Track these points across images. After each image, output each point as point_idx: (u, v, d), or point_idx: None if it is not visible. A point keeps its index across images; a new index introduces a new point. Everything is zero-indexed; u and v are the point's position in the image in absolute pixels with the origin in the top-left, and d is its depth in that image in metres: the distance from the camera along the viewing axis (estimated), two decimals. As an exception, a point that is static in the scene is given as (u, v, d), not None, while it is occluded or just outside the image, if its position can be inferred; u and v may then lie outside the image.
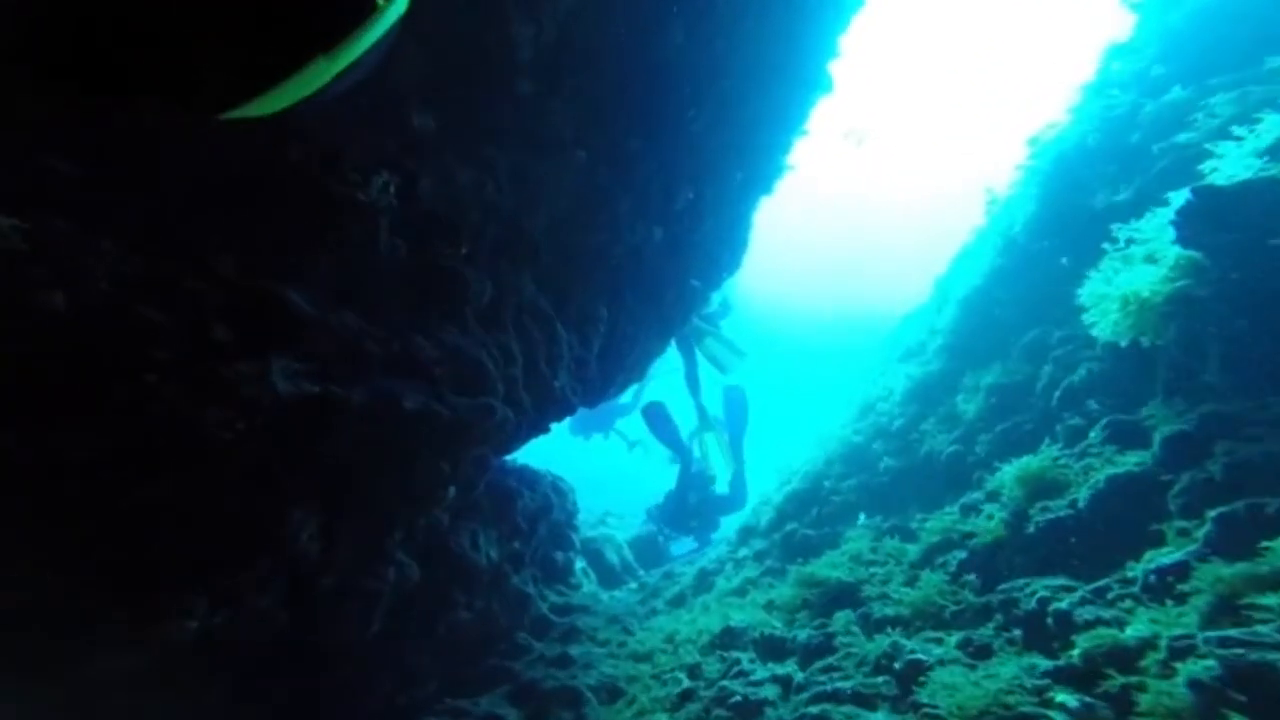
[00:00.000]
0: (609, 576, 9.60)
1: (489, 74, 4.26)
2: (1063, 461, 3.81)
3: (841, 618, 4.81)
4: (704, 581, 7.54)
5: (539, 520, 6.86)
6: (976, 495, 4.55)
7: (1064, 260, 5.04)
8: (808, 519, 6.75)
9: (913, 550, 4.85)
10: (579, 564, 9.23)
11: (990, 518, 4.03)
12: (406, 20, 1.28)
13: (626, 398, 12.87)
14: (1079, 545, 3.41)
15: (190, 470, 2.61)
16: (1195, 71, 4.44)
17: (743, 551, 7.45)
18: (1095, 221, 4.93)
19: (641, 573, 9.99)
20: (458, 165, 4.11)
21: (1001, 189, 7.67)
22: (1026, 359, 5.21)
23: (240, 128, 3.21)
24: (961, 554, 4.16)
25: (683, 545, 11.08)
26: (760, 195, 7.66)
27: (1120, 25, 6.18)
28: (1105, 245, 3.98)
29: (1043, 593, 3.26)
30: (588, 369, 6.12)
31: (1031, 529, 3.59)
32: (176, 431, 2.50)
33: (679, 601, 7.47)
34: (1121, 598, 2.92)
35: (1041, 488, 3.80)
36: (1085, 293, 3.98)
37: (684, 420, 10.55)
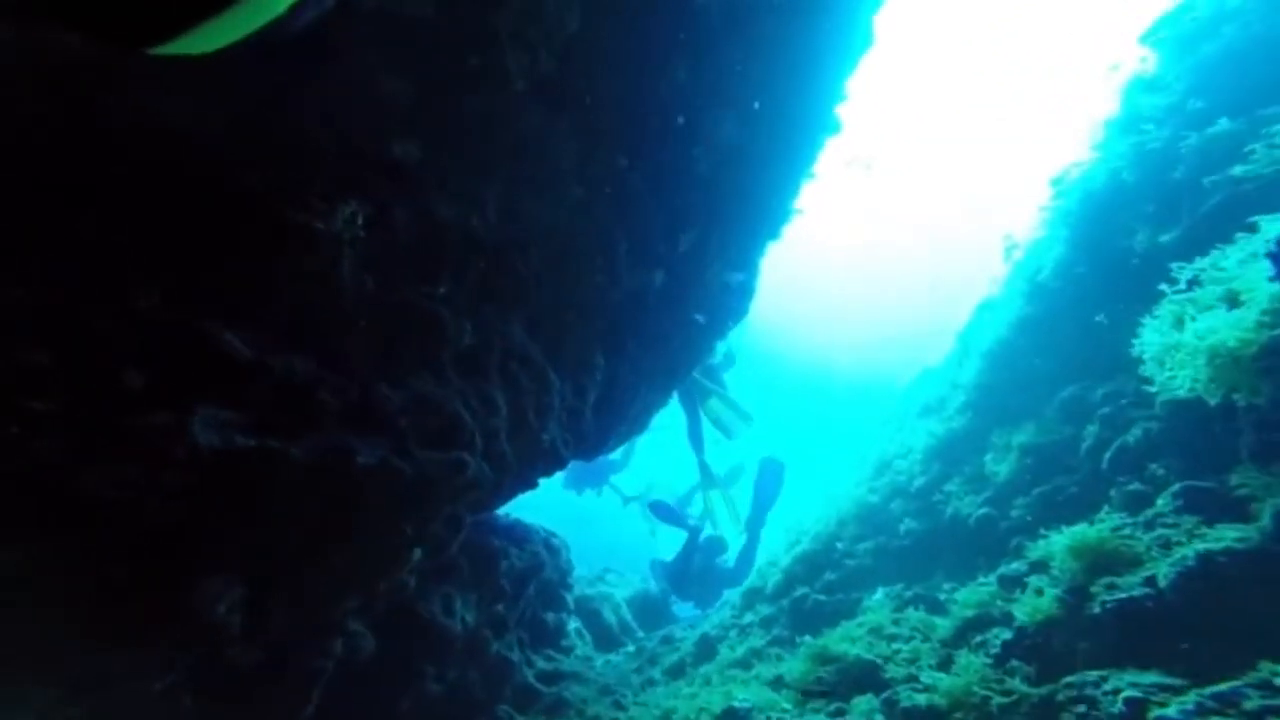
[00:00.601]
0: (606, 638, 8.81)
1: (480, 103, 3.91)
2: (1126, 532, 3.19)
3: (863, 705, 4.11)
4: (706, 649, 6.77)
5: (527, 580, 6.21)
6: (1017, 565, 3.91)
7: (1101, 317, 4.52)
8: (819, 584, 6.05)
9: (943, 625, 4.17)
10: (573, 624, 8.48)
11: (1040, 593, 3.38)
12: (393, 41, 0.96)
13: (616, 454, 12.28)
14: (1164, 633, 2.76)
15: (67, 535, 2.08)
16: (1241, 104, 4.03)
17: (748, 617, 6.72)
18: (1136, 263, 4.44)
19: (640, 634, 9.18)
20: (440, 197, 3.71)
21: (1022, 234, 7.24)
22: (1064, 418, 4.63)
23: (176, 91, 2.83)
24: (1005, 633, 3.49)
25: (685, 607, 10.30)
26: (767, 240, 7.25)
27: (1130, 61, 5.83)
28: (1162, 287, 3.46)
29: (1131, 692, 2.60)
30: (582, 420, 5.59)
31: (1096, 609, 2.95)
32: (48, 491, 1.99)
33: (678, 671, 6.70)
34: (1264, 713, 2.25)
35: (1102, 561, 3.18)
36: (1145, 343, 3.44)
37: (687, 476, 9.96)
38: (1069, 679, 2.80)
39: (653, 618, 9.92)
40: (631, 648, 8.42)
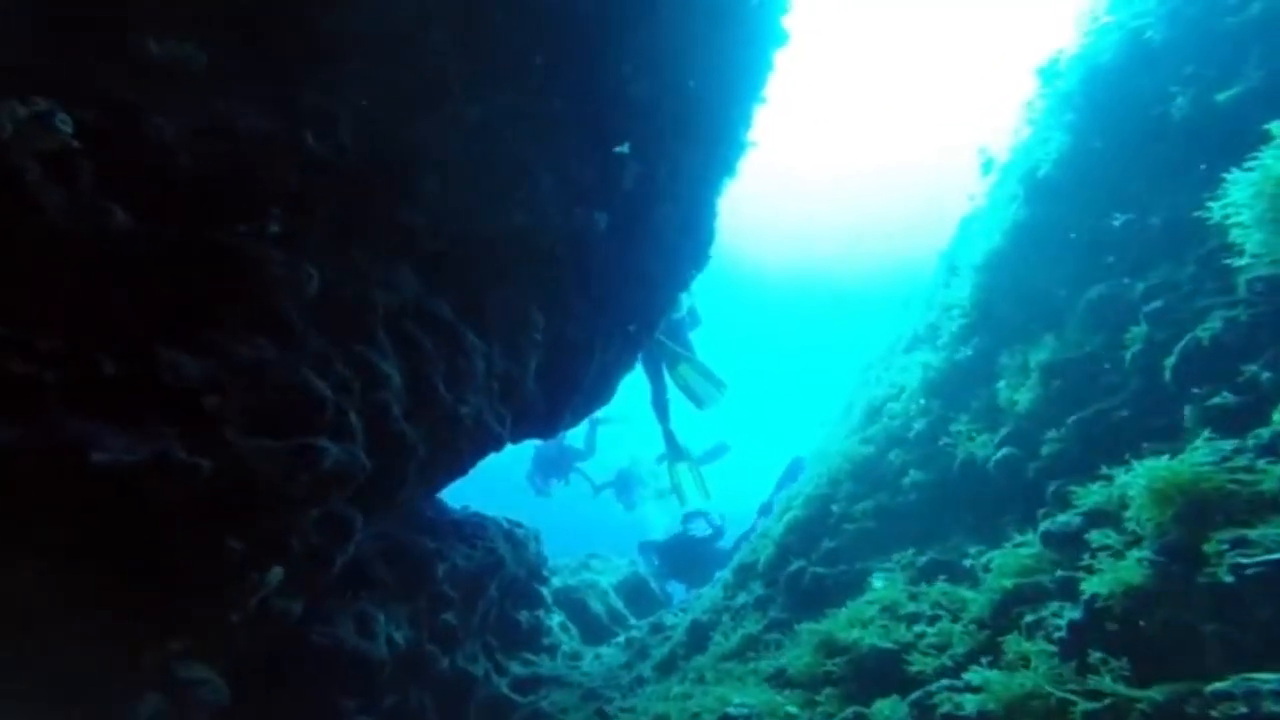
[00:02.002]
0: (595, 629, 7.75)
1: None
2: (1238, 463, 2.14)
3: (886, 710, 3.05)
4: (698, 637, 5.71)
5: (483, 581, 5.10)
6: (1066, 519, 2.84)
7: (1118, 218, 3.43)
8: (817, 555, 4.99)
9: (975, 600, 3.11)
10: (556, 619, 7.39)
11: (1119, 555, 2.32)
12: None
13: (577, 441, 11.12)
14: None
15: None
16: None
17: (741, 598, 5.65)
18: (1177, 134, 3.36)
19: (632, 621, 8.14)
20: (246, 106, 2.54)
21: (999, 146, 6.15)
22: (1094, 324, 3.56)
23: None
24: (1069, 611, 2.44)
25: (678, 586, 9.31)
26: (723, 177, 6.09)
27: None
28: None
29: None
30: (522, 390, 4.45)
31: (1222, 576, 1.90)
32: None
33: (669, 666, 5.64)
34: None
35: (1203, 506, 2.12)
36: (1235, 200, 2.36)
37: (653, 445, 8.89)
38: (1219, 684, 1.74)
39: (645, 602, 8.88)
40: (622, 638, 7.37)
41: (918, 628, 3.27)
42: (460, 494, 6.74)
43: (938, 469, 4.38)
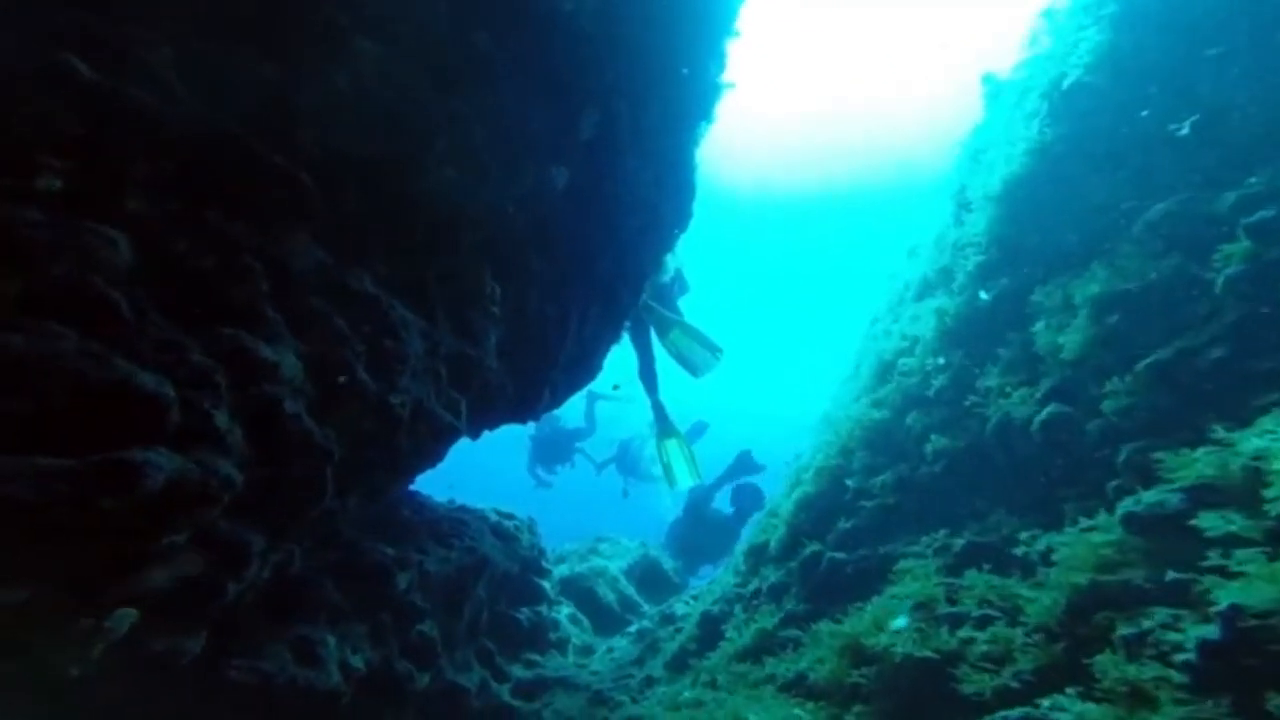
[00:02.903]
0: (606, 619, 7.13)
1: None
2: None
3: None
4: (709, 631, 5.04)
5: (467, 582, 4.45)
6: (1160, 496, 2.07)
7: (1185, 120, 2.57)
8: (833, 537, 4.25)
9: (1037, 600, 2.36)
10: (564, 611, 6.79)
11: (1267, 550, 1.55)
12: None
13: (575, 418, 10.29)
14: None
15: None
16: None
17: (754, 584, 4.96)
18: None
19: (645, 607, 7.52)
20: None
21: (1003, 70, 5.21)
22: (1160, 247, 2.73)
23: None
24: (1199, 626, 1.69)
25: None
26: (700, 123, 5.22)
27: None
28: None
29: None
30: (482, 371, 3.73)
31: None
32: None
33: (680, 664, 4.99)
34: None
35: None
36: None
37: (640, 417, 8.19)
38: None
39: (659, 585, 8.25)
40: (635, 627, 6.75)
41: (964, 632, 2.53)
42: (461, 489, 6.09)
43: (967, 433, 3.59)
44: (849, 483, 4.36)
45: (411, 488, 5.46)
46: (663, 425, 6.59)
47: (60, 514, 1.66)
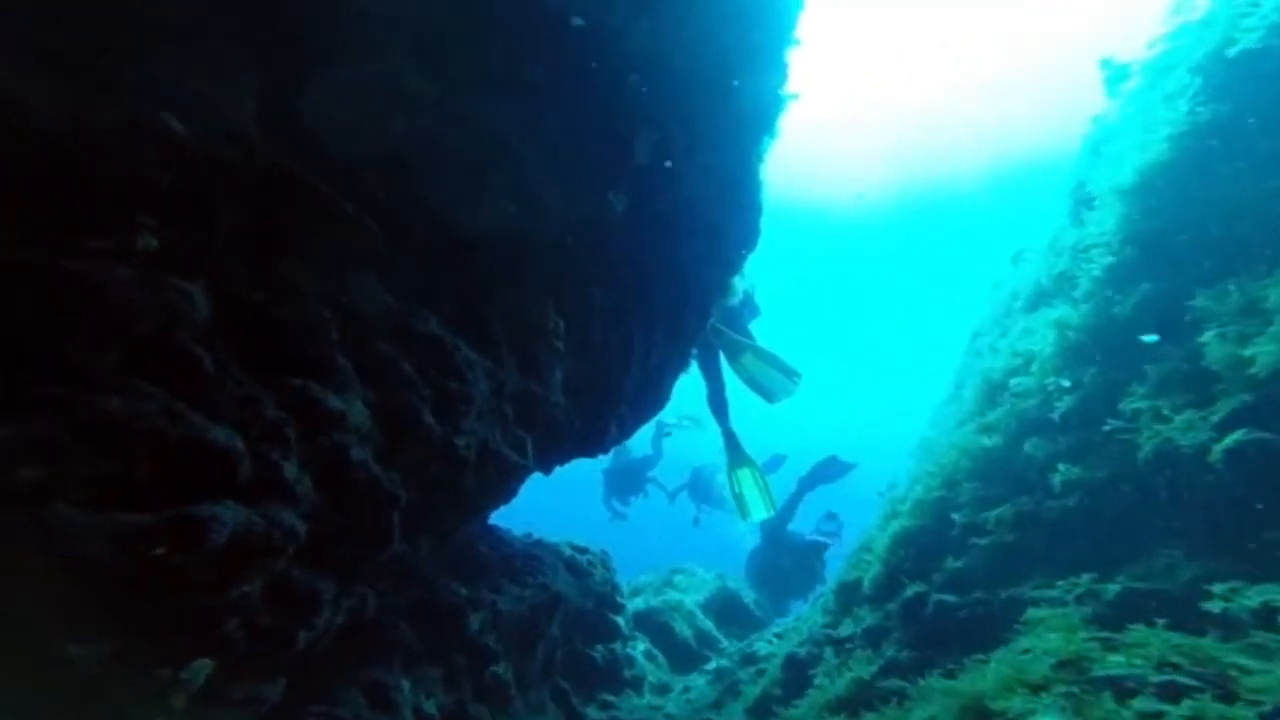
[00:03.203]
0: (683, 655, 6.77)
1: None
2: None
3: None
4: (795, 676, 4.58)
5: (540, 621, 4.30)
6: None
7: None
8: (940, 576, 3.73)
9: (1262, 671, 1.83)
10: (639, 647, 6.50)
11: None
12: None
13: (641, 446, 9.86)
14: None
15: None
16: None
17: (846, 627, 4.46)
18: None
19: (724, 643, 7.08)
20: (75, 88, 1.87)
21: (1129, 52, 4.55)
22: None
23: None
24: None
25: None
26: (761, 138, 4.94)
27: None
28: None
29: None
30: (548, 408, 3.61)
31: None
32: None
33: (763, 711, 4.54)
34: None
35: None
36: None
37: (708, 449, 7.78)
38: None
39: (738, 620, 7.77)
40: (713, 665, 6.34)
41: (1141, 703, 2.00)
42: (538, 523, 6.02)
43: (1108, 463, 3.01)
44: (955, 517, 3.82)
45: (490, 522, 5.45)
46: (735, 454, 6.20)
47: (136, 569, 1.65)
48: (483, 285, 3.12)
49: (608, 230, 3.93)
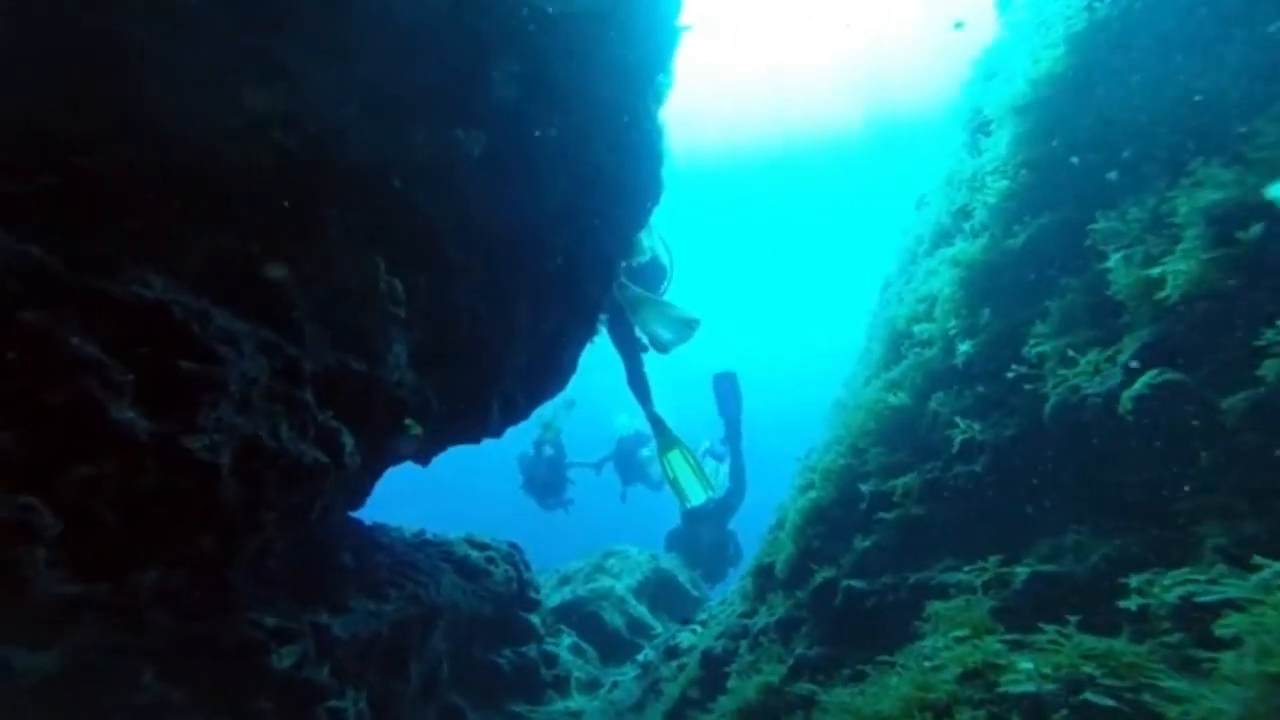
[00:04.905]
0: (614, 646, 6.20)
1: None
2: None
3: None
4: (713, 674, 4.05)
5: (411, 639, 3.61)
6: None
7: None
8: (849, 559, 3.21)
9: (1201, 696, 1.32)
10: (565, 642, 5.89)
11: None
12: None
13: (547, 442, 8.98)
14: None
15: None
16: None
17: (760, 617, 3.94)
18: None
19: (659, 629, 6.56)
20: None
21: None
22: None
23: None
24: None
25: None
26: (655, 76, 4.25)
27: None
28: None
29: None
30: (383, 390, 2.88)
31: None
32: None
33: (679, 717, 4.02)
34: None
35: None
36: None
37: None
38: None
39: (673, 600, 7.28)
40: (642, 656, 5.80)
41: None
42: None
43: (1015, 418, 2.52)
44: (863, 488, 3.31)
45: (376, 521, 4.68)
46: (663, 438, 5.61)
47: None
48: (257, 236, 2.35)
49: (464, 176, 3.20)
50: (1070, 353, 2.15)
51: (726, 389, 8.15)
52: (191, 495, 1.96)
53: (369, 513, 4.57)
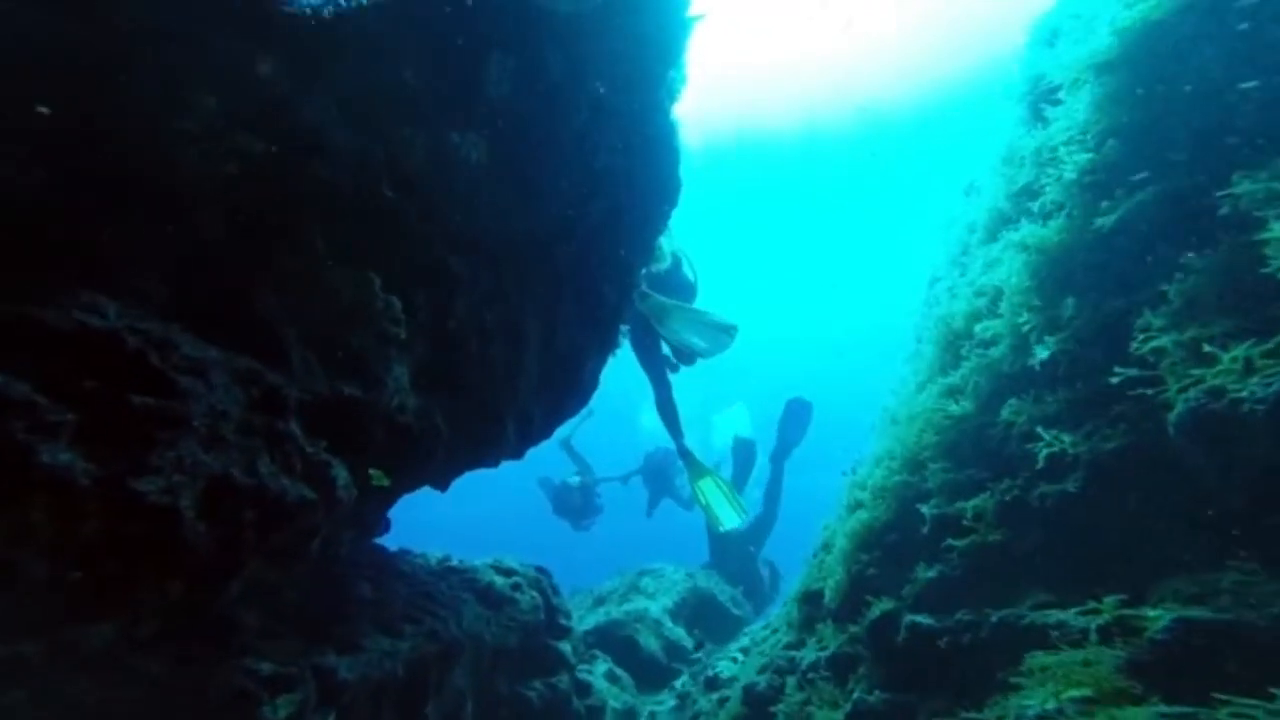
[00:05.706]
0: (650, 671, 5.79)
1: None
2: None
3: None
4: (757, 713, 3.61)
5: (427, 677, 3.32)
6: None
7: None
8: (910, 590, 2.74)
9: None
10: (600, 669, 5.51)
11: None
12: None
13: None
14: None
15: None
16: None
17: (809, 650, 3.48)
18: None
19: (698, 653, 6.11)
20: None
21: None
22: None
23: None
24: None
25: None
26: (667, 70, 3.90)
27: None
28: None
29: None
30: (382, 416, 2.61)
31: None
32: None
33: (720, 761, 3.59)
34: None
35: None
36: None
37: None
38: None
39: (714, 621, 6.81)
40: (679, 683, 5.38)
41: None
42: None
43: (1121, 428, 2.03)
44: (924, 510, 2.84)
45: (400, 546, 4.45)
46: (692, 468, 5.20)
47: None
48: (231, 252, 2.10)
49: (463, 182, 2.93)
50: (1206, 347, 1.67)
51: (797, 415, 7.77)
52: (147, 541, 1.69)
53: (400, 539, 4.34)
